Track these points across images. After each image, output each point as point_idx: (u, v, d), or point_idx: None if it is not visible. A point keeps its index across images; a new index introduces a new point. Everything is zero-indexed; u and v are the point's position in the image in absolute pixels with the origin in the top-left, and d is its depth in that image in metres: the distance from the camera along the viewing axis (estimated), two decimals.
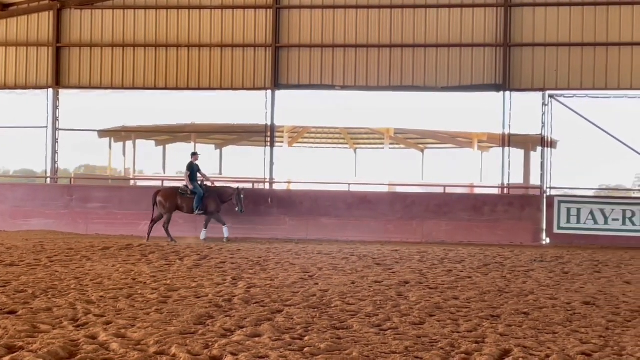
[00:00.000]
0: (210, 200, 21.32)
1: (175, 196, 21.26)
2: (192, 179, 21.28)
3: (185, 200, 21.19)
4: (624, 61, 22.97)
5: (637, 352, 7.52)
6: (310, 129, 35.80)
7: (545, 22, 23.40)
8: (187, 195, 21.19)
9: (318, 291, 11.30)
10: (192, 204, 21.13)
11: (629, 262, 16.79)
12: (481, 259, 16.88)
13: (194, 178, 21.34)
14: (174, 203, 21.18)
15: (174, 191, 21.45)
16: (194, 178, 21.33)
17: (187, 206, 21.22)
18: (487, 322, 9.07)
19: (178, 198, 21.21)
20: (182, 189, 21.37)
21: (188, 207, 21.24)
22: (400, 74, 24.09)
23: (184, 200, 21.20)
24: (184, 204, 21.22)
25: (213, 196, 21.45)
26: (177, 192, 21.35)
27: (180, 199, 21.21)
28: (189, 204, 21.18)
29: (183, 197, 21.21)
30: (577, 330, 8.64)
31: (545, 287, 12.44)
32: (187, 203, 21.19)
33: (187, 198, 21.18)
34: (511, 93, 23.55)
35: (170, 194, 21.35)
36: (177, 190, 21.41)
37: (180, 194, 21.26)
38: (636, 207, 21.77)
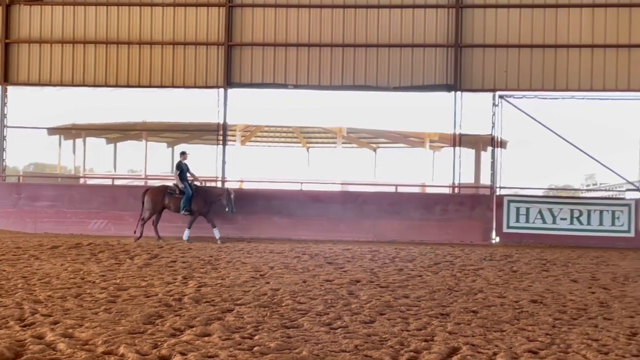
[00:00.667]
0: (197, 200, 21.16)
1: (163, 195, 21.11)
2: (182, 179, 21.13)
3: (173, 200, 21.04)
4: (572, 63, 23.33)
5: (583, 349, 7.65)
6: (263, 127, 35.74)
7: (496, 23, 23.67)
8: (175, 195, 21.05)
9: (269, 290, 11.29)
10: (179, 203, 20.97)
11: (576, 261, 17.03)
12: (432, 258, 17.00)
13: (184, 177, 21.20)
14: (162, 202, 21.04)
15: (162, 190, 21.31)
16: (183, 177, 21.18)
17: (174, 205, 21.06)
18: (437, 320, 9.15)
19: (166, 197, 21.07)
20: (170, 188, 21.24)
21: (175, 206, 21.06)
22: (353, 73, 24.17)
23: (171, 199, 21.05)
24: (171, 203, 21.06)
25: (200, 196, 21.28)
26: (165, 190, 21.21)
27: (167, 198, 21.06)
28: (176, 203, 21.02)
29: (171, 196, 21.06)
30: (524, 328, 8.75)
31: (494, 285, 12.57)
32: (174, 202, 21.04)
33: (174, 197, 21.04)
34: (462, 93, 23.77)
35: (158, 193, 21.21)
36: (166, 189, 21.27)
37: (168, 193, 21.11)
38: (583, 206, 22.12)
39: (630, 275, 14.38)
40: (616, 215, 21.76)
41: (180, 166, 21.30)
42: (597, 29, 23.24)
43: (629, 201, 22.23)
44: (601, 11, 23.21)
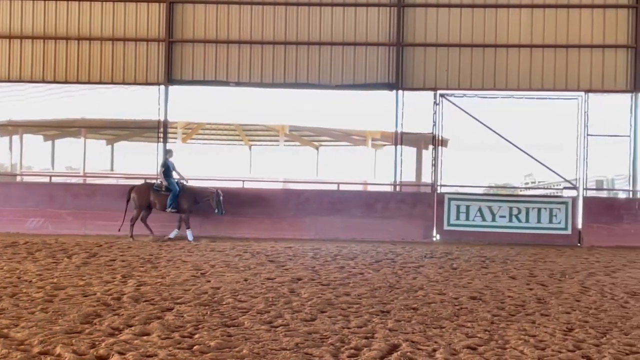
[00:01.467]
0: (184, 199, 20.98)
1: (148, 192, 20.88)
2: (167, 176, 20.90)
3: (159, 197, 20.80)
4: (511, 62, 23.62)
5: (520, 345, 7.76)
6: (204, 125, 35.52)
7: (437, 22, 23.84)
8: (162, 192, 20.82)
9: (210, 289, 11.23)
10: (165, 200, 20.75)
11: (514, 258, 17.29)
12: (373, 256, 17.08)
13: (169, 174, 20.98)
14: (147, 199, 20.83)
15: (148, 187, 21.06)
16: (169, 175, 20.96)
17: (160, 203, 20.81)
18: (377, 317, 9.20)
19: (151, 194, 20.84)
20: (156, 185, 21.02)
21: (161, 204, 20.82)
22: (295, 71, 24.13)
23: (157, 196, 20.81)
24: (156, 201, 20.83)
25: (188, 195, 21.09)
26: (151, 188, 20.98)
27: (153, 195, 20.83)
28: (162, 201, 20.79)
29: (157, 193, 20.83)
30: (463, 325, 8.84)
31: (434, 282, 12.68)
32: (160, 200, 20.80)
33: (161, 195, 20.79)
34: (404, 92, 23.88)
35: (143, 190, 20.94)
36: (152, 186, 21.04)
37: (154, 191, 20.89)
38: (522, 204, 22.42)
39: (567, 272, 14.64)
40: (554, 213, 22.10)
41: (165, 164, 21.12)
42: (536, 29, 23.57)
43: (566, 199, 22.61)
44: (539, 12, 23.53)
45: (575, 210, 22.14)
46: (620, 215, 22.01)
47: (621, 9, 23.31)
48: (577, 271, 14.87)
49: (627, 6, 23.22)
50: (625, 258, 17.96)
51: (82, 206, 22.18)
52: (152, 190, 20.89)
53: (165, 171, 20.95)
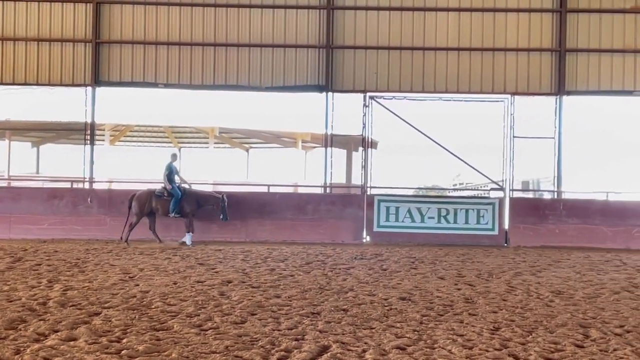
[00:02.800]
0: (187, 203, 20.80)
1: (150, 198, 20.67)
2: (170, 181, 20.72)
3: (161, 202, 20.63)
4: (440, 65, 23.92)
5: (448, 344, 7.84)
6: (133, 127, 35.10)
7: (366, 25, 24.00)
8: (164, 197, 20.63)
9: (138, 292, 11.08)
10: (167, 205, 20.58)
11: (443, 259, 17.48)
12: (304, 258, 17.09)
13: (172, 179, 20.81)
14: (149, 205, 20.62)
15: (149, 194, 20.80)
16: (171, 179, 20.79)
17: (163, 208, 20.64)
18: (308, 319, 9.19)
19: (153, 200, 20.62)
20: (158, 190, 20.76)
21: (163, 210, 20.65)
22: (225, 73, 24.02)
23: (159, 202, 20.64)
24: (159, 206, 20.65)
25: (191, 199, 20.93)
26: (152, 194, 20.74)
27: (155, 200, 20.62)
28: (164, 206, 20.62)
29: (159, 199, 20.64)
30: (393, 325, 8.90)
31: (364, 283, 12.74)
32: (162, 205, 20.63)
33: (163, 200, 20.63)
34: (333, 94, 23.98)
35: (145, 196, 20.73)
36: (153, 192, 20.78)
37: (156, 196, 20.67)
38: (450, 205, 22.72)
39: (494, 272, 14.86)
40: (481, 214, 22.45)
41: (169, 167, 20.93)
42: (463, 32, 23.92)
43: (493, 200, 22.98)
44: (467, 15, 23.89)
45: (502, 211, 22.53)
46: (546, 215, 22.47)
47: (545, 13, 23.80)
48: (504, 271, 15.11)
49: (552, 10, 23.72)
50: (550, 258, 18.33)
51: (6, 210, 21.73)
52: (154, 196, 20.72)
53: (169, 175, 20.83)
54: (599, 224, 22.27)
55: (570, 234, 22.21)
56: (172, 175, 20.91)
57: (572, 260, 17.74)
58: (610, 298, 11.58)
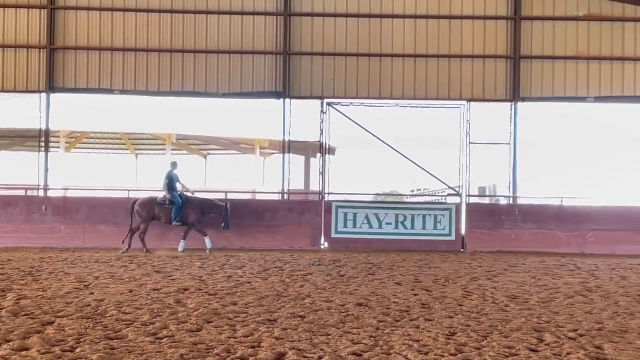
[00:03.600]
0: (191, 211, 20.75)
1: (153, 206, 20.58)
2: (171, 189, 20.62)
3: (164, 211, 20.57)
4: (396, 72, 24.04)
5: (404, 350, 7.85)
6: (89, 134, 34.76)
7: (324, 32, 24.06)
8: (166, 206, 20.55)
9: (93, 301, 10.95)
10: (170, 214, 20.50)
11: (400, 265, 17.54)
12: (261, 264, 17.04)
13: (173, 188, 20.71)
14: (152, 213, 20.52)
15: (152, 201, 20.69)
16: (172, 188, 20.68)
17: (165, 217, 20.58)
18: (264, 326, 9.15)
19: (156, 208, 20.54)
20: (160, 199, 20.69)
21: (166, 218, 20.58)
22: (182, 79, 23.91)
23: (162, 210, 20.58)
24: (162, 214, 20.59)
25: (194, 207, 20.87)
26: (155, 202, 20.64)
27: (158, 209, 20.54)
28: (167, 215, 20.55)
29: (161, 207, 20.58)
30: (349, 332, 8.89)
31: (322, 290, 12.73)
32: (165, 213, 20.57)
33: (165, 208, 20.57)
34: (291, 100, 23.99)
35: (148, 204, 20.62)
36: (156, 200, 20.68)
37: (158, 204, 20.59)
38: (408, 211, 22.82)
39: (451, 277, 14.95)
40: (438, 220, 22.59)
41: (170, 176, 20.84)
42: (420, 39, 24.08)
43: (450, 206, 23.14)
44: (423, 22, 24.06)
45: (458, 217, 22.69)
46: (502, 221, 22.69)
47: (501, 21, 24.06)
48: (461, 276, 15.21)
49: (506, 18, 23.98)
50: (506, 263, 18.50)
51: None
52: (156, 204, 20.67)
53: (169, 184, 20.75)
54: (554, 229, 22.53)
55: (525, 239, 22.44)
56: (172, 184, 20.87)
57: (527, 265, 17.91)
58: (565, 302, 11.70)
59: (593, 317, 10.24)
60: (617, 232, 22.40)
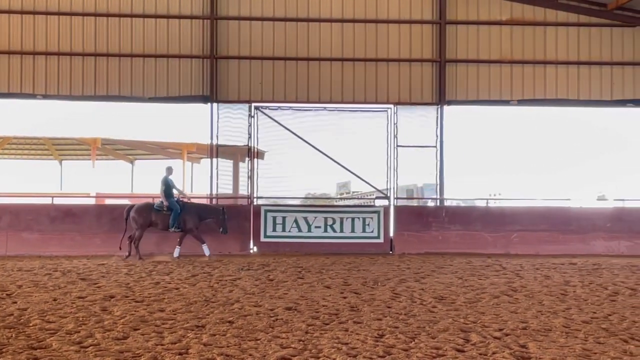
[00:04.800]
0: (188, 217, 20.40)
1: (149, 212, 20.20)
2: (168, 195, 20.24)
3: (161, 217, 20.20)
4: (324, 75, 24.10)
5: (333, 353, 7.86)
6: (10, 139, 33.98)
7: (250, 35, 23.97)
8: (163, 212, 20.17)
9: (16, 310, 10.70)
10: (167, 220, 20.14)
11: (330, 267, 17.57)
12: (190, 270, 16.88)
13: (170, 194, 20.31)
14: (148, 219, 20.16)
15: (149, 207, 20.29)
16: (169, 194, 20.29)
17: (162, 223, 20.21)
18: (192, 332, 9.07)
19: (152, 214, 20.16)
20: (157, 205, 20.29)
21: (163, 224, 20.22)
22: (106, 83, 23.54)
23: (158, 216, 20.20)
24: (158, 221, 20.21)
25: (192, 213, 20.52)
26: (152, 208, 20.23)
27: (154, 215, 20.16)
28: (164, 221, 20.18)
29: (158, 213, 20.19)
30: (278, 336, 8.87)
31: (250, 294, 12.67)
32: (162, 219, 20.20)
33: (162, 214, 20.19)
34: (218, 104, 23.84)
35: (144, 210, 20.23)
36: (152, 206, 20.27)
37: (155, 210, 20.20)
38: (336, 214, 22.88)
39: (379, 279, 15.04)
40: (367, 222, 22.71)
41: (166, 182, 20.46)
42: (347, 43, 24.18)
43: (378, 208, 23.26)
44: (350, 26, 24.17)
45: (387, 219, 22.84)
46: (429, 222, 22.91)
47: (426, 25, 24.32)
48: (389, 278, 15.31)
49: (432, 22, 24.25)
50: (433, 264, 18.69)
51: None
52: (154, 210, 20.33)
53: (165, 190, 20.42)
54: (479, 230, 22.85)
55: (452, 240, 22.70)
56: (169, 190, 20.57)
57: (454, 266, 18.14)
58: (490, 302, 11.88)
59: (518, 317, 10.41)
60: (541, 232, 22.83)
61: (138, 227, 20.33)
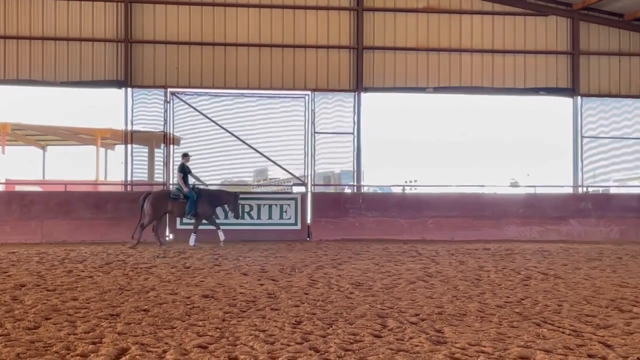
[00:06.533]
0: (203, 204, 20.01)
1: (165, 200, 19.85)
2: (186, 182, 19.87)
3: (177, 204, 19.88)
4: (241, 61, 23.96)
5: (251, 340, 7.79)
6: None
7: (166, 20, 23.65)
8: (180, 199, 19.78)
9: None
10: (183, 207, 19.85)
11: (247, 255, 17.48)
12: (104, 258, 16.57)
13: (187, 181, 19.96)
14: (164, 207, 19.85)
15: (165, 194, 19.99)
16: (187, 181, 19.93)
17: (178, 210, 19.93)
18: (106, 321, 8.87)
19: (169, 202, 19.81)
20: (173, 192, 19.96)
21: (179, 211, 19.95)
22: (17, 67, 22.94)
23: (175, 204, 19.88)
24: (174, 208, 19.90)
25: (207, 199, 20.14)
26: (168, 195, 19.89)
27: (171, 202, 19.81)
28: (180, 208, 19.88)
29: (175, 201, 19.83)
30: (195, 324, 8.75)
31: (166, 282, 12.50)
32: (178, 207, 19.90)
33: (178, 202, 19.83)
34: (133, 90, 23.45)
35: (160, 198, 19.89)
36: (169, 193, 19.93)
37: (171, 198, 19.84)
38: (254, 201, 22.76)
39: (297, 266, 15.02)
40: (284, 209, 22.68)
41: (183, 168, 20.05)
42: (264, 28, 24.08)
43: (295, 195, 23.24)
44: (267, 12, 24.08)
45: (304, 206, 22.85)
46: (346, 209, 23.01)
47: (343, 12, 24.38)
48: (307, 265, 15.30)
49: (349, 9, 24.33)
50: (350, 250, 18.78)
51: None
52: (169, 197, 20.03)
53: (183, 177, 20.11)
54: (396, 217, 23.06)
55: (369, 226, 22.86)
56: (186, 177, 20.28)
57: (371, 252, 18.26)
58: (407, 288, 11.97)
59: (434, 302, 10.52)
60: (456, 218, 23.19)
61: (154, 215, 20.05)
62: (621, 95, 25.59)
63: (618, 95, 25.58)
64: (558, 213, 23.73)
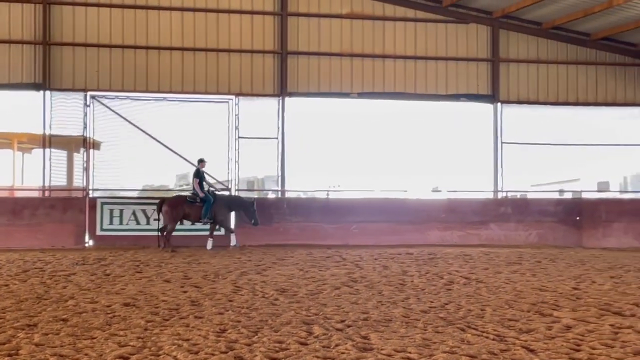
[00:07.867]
0: (219, 208, 20.14)
1: (182, 205, 19.94)
2: (201, 187, 19.89)
3: (193, 209, 20.02)
4: (163, 65, 23.66)
5: (174, 350, 7.60)
6: None
7: (86, 22, 23.21)
8: (196, 204, 19.88)
9: None
10: (199, 212, 20.02)
11: (169, 261, 17.19)
12: (20, 265, 16.09)
13: (203, 186, 19.96)
14: (181, 212, 19.92)
15: (182, 199, 20.03)
16: (203, 186, 19.95)
17: (195, 214, 20.05)
18: (23, 332, 8.56)
19: (185, 206, 19.87)
20: (190, 197, 20.01)
21: (195, 216, 20.07)
22: None
23: (191, 208, 20.00)
24: (191, 212, 19.95)
25: (222, 204, 20.30)
26: (184, 200, 19.91)
27: (188, 207, 19.88)
28: (196, 212, 20.01)
29: (191, 205, 19.94)
30: (116, 334, 8.51)
31: (86, 290, 12.18)
32: (194, 211, 20.02)
33: (195, 206, 19.94)
34: (51, 93, 22.93)
35: (178, 203, 19.98)
36: (185, 198, 19.92)
37: (188, 202, 19.92)
38: None
39: (220, 272, 14.83)
40: None
41: (198, 174, 20.15)
42: (187, 32, 23.84)
43: None
44: (190, 15, 23.88)
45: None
46: (270, 214, 22.88)
47: (268, 16, 24.32)
48: (230, 271, 15.12)
49: (273, 13, 24.28)
50: (275, 256, 18.66)
51: None
52: (186, 202, 20.16)
53: (200, 182, 20.24)
54: (320, 222, 23.05)
55: (293, 232, 22.80)
56: (202, 182, 20.41)
57: (295, 258, 18.17)
58: (332, 294, 11.91)
59: (359, 307, 10.48)
60: (379, 223, 23.29)
61: (171, 220, 20.22)
62: (540, 102, 26.10)
63: (537, 102, 26.09)
64: (479, 218, 24.08)
